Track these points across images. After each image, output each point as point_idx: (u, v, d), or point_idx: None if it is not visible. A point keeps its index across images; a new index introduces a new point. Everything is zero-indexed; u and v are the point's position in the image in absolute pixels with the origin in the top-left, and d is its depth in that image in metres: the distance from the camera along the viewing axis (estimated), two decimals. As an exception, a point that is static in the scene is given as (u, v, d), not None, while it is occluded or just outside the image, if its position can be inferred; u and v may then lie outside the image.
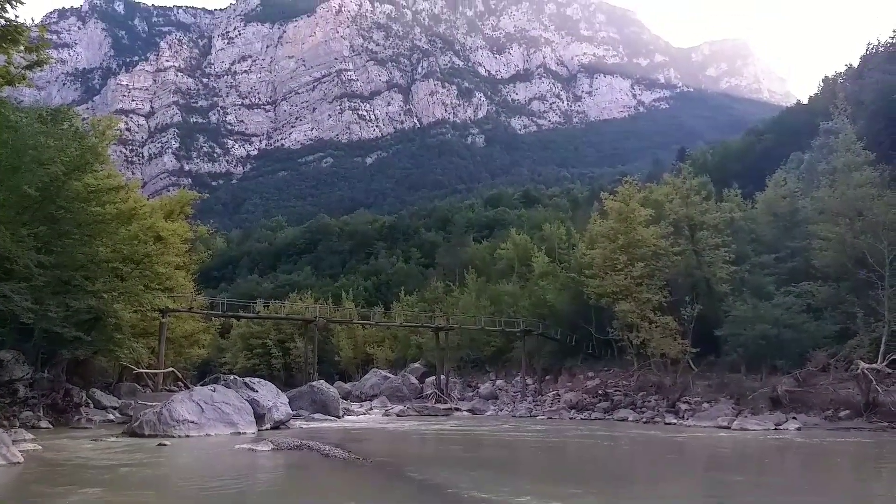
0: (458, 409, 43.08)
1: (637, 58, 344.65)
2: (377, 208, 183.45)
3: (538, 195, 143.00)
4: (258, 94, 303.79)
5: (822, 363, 29.28)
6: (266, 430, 23.80)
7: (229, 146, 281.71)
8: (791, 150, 53.73)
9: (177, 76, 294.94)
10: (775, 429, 25.57)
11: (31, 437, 17.81)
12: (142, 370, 36.58)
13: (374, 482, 13.97)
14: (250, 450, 17.43)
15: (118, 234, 26.83)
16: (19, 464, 13.85)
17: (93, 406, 27.85)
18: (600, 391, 39.50)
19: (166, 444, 18.60)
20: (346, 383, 61.49)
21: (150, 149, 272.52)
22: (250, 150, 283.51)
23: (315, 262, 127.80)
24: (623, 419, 32.89)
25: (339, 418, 32.87)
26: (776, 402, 28.75)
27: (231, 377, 29.65)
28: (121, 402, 29.61)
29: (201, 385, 31.41)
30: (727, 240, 37.17)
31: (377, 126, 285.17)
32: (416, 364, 61.82)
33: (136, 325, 31.76)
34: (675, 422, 30.09)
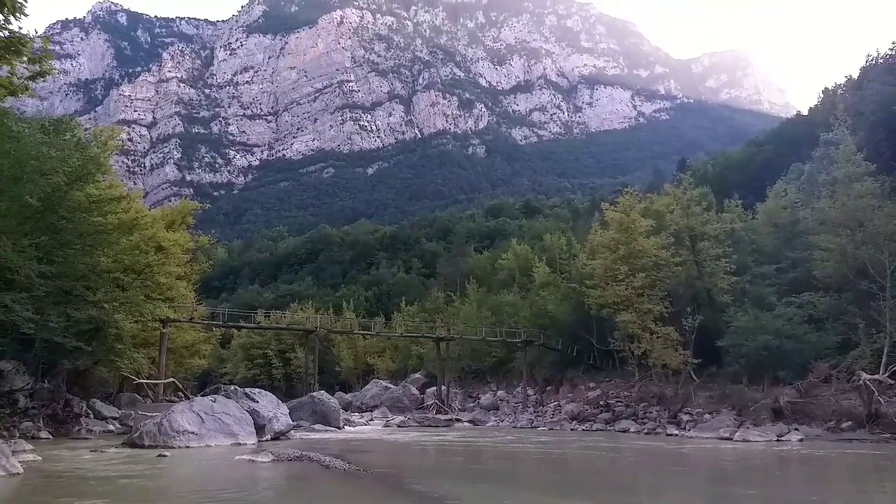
0: (458, 420, 42.96)
1: (637, 69, 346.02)
2: (378, 218, 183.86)
3: (539, 206, 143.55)
4: (260, 104, 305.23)
5: (823, 374, 29.19)
6: (266, 440, 23.71)
7: (231, 156, 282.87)
8: (791, 160, 53.94)
9: (179, 87, 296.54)
10: (777, 440, 25.47)
11: (31, 447, 17.71)
12: (142, 381, 36.45)
13: (374, 494, 13.86)
14: (250, 461, 17.34)
15: (119, 245, 26.82)
16: (19, 475, 13.75)
17: (93, 417, 27.70)
18: (602, 402, 39.32)
19: (166, 455, 18.51)
20: (346, 394, 61.43)
21: (151, 159, 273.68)
22: (252, 161, 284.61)
23: (316, 272, 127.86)
24: (625, 430, 32.76)
25: (339, 429, 32.73)
26: (778, 414, 28.67)
27: (231, 387, 29.52)
28: (121, 412, 29.42)
29: (202, 395, 31.35)
30: (728, 250, 37.13)
31: (378, 137, 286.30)
32: (417, 374, 61.72)
33: (136, 336, 31.74)
34: (677, 433, 29.96)
